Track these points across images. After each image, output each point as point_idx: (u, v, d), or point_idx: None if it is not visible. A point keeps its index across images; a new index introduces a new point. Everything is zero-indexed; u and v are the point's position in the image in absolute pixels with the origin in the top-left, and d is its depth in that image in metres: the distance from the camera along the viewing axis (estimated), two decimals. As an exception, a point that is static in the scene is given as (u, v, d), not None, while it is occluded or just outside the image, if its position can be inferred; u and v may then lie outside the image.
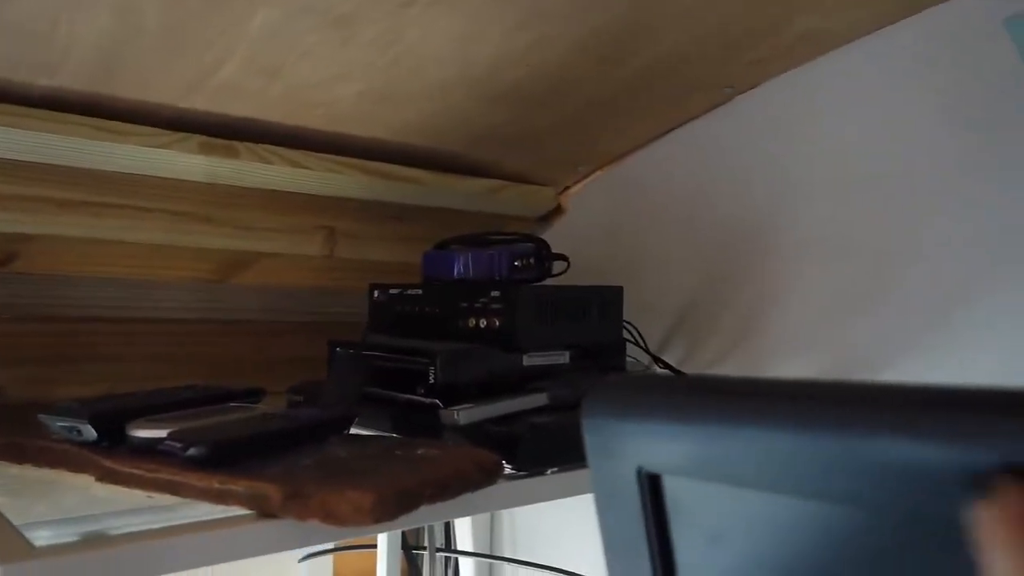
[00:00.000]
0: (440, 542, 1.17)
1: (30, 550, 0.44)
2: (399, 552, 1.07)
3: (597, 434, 0.39)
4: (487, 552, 1.19)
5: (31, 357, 0.83)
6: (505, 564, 1.17)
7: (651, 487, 0.37)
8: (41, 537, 0.46)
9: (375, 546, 1.08)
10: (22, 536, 0.46)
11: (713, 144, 1.00)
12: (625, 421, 0.38)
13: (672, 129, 1.04)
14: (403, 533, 1.09)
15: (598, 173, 1.13)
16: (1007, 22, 0.62)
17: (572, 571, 1.06)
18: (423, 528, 1.16)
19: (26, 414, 0.66)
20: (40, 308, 0.83)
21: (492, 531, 1.19)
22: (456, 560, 1.18)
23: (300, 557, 1.11)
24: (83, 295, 0.86)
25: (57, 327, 0.85)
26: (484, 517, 1.19)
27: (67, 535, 0.47)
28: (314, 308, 1.05)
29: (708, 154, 1.01)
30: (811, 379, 0.33)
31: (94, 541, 0.46)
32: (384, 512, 0.50)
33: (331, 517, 0.50)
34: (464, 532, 1.19)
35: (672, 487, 0.37)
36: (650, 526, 0.38)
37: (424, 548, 1.14)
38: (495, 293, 0.80)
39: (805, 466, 0.30)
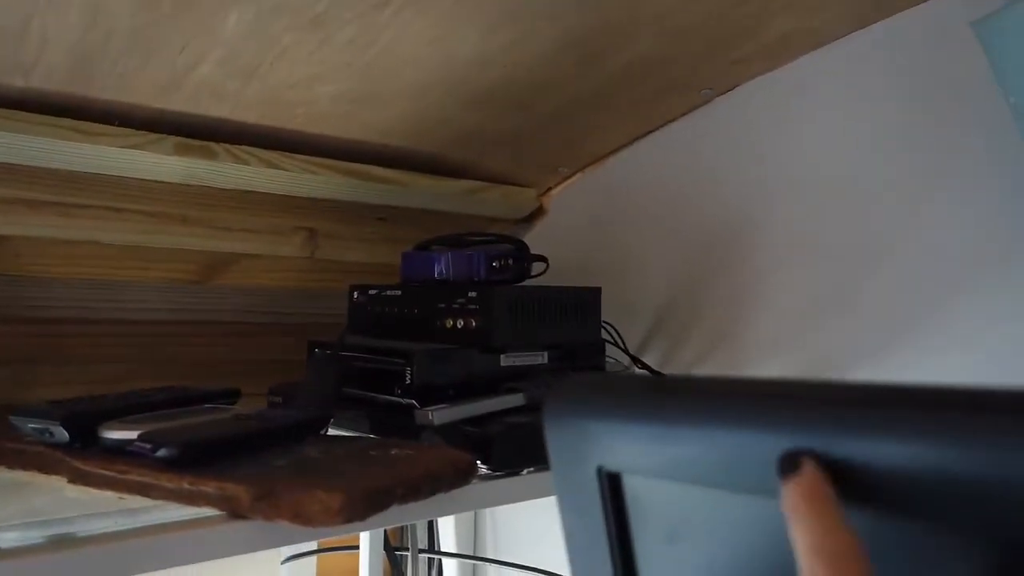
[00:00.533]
0: (423, 543, 1.17)
1: (-6, 551, 0.44)
2: (381, 553, 1.07)
3: (558, 433, 0.39)
4: (470, 553, 1.19)
5: (8, 359, 0.83)
6: (488, 565, 1.17)
7: (611, 486, 0.37)
8: (7, 539, 0.46)
9: (358, 547, 1.08)
10: (-13, 536, 0.46)
11: (693, 146, 1.00)
12: (585, 420, 0.38)
13: (652, 131, 1.04)
14: (386, 534, 1.09)
15: (579, 175, 1.14)
16: (974, 25, 0.63)
17: (554, 572, 1.06)
18: (406, 529, 1.16)
19: (2, 417, 0.66)
20: (17, 309, 0.83)
21: (475, 532, 1.19)
22: (439, 561, 1.18)
23: (283, 559, 1.11)
24: (60, 296, 0.85)
25: (34, 328, 0.85)
26: (467, 518, 1.19)
27: (34, 537, 0.47)
28: (296, 309, 1.05)
29: (688, 156, 1.01)
30: (774, 377, 0.33)
31: (60, 543, 0.46)
32: (354, 512, 0.50)
33: (300, 517, 0.50)
34: (447, 533, 1.19)
35: (632, 486, 0.37)
36: (610, 525, 0.38)
37: (407, 549, 1.14)
38: (472, 294, 0.80)
39: (765, 464, 0.30)
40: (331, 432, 0.74)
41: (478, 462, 0.65)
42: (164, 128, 0.82)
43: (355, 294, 0.92)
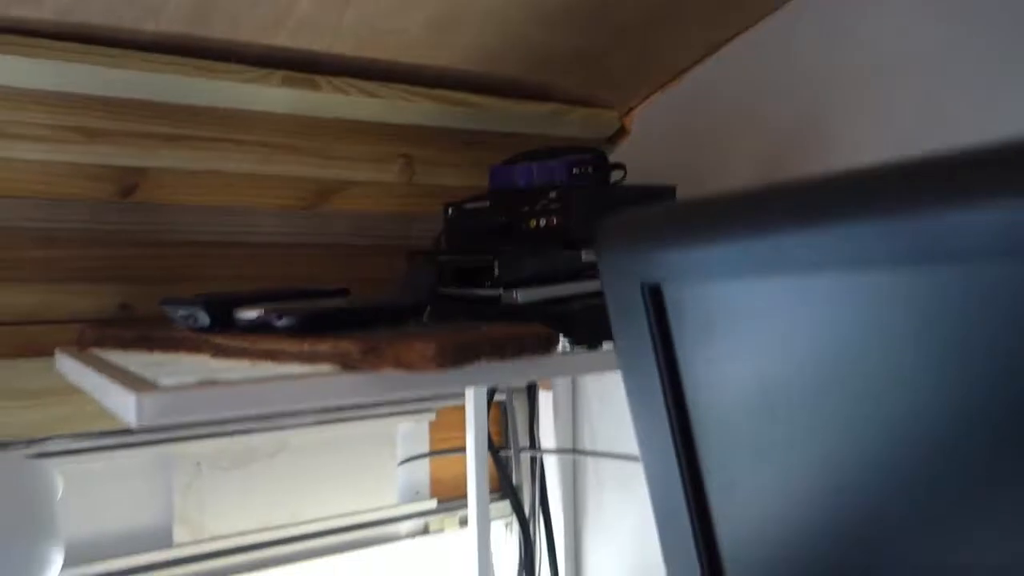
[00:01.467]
0: (525, 443, 1.26)
1: (157, 386, 0.54)
2: (487, 454, 1.17)
3: (607, 260, 0.46)
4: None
5: (151, 277, 0.95)
6: (587, 459, 1.25)
7: (653, 297, 0.44)
8: (167, 381, 0.56)
9: (464, 450, 1.18)
10: (151, 381, 0.56)
11: (772, 51, 1.03)
12: (627, 243, 0.44)
13: (728, 40, 1.07)
14: (490, 437, 1.18)
15: (659, 93, 1.18)
16: None
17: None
18: (508, 431, 1.25)
19: (150, 322, 0.77)
20: (157, 234, 0.95)
21: (574, 432, 1.27)
22: (541, 459, 1.27)
23: (399, 461, 1.21)
24: (191, 221, 0.97)
25: (172, 251, 0.96)
26: (565, 419, 1.26)
27: (187, 379, 0.57)
28: (396, 232, 1.14)
29: (768, 61, 1.03)
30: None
31: (207, 383, 0.56)
32: (446, 359, 0.59)
33: (401, 365, 0.59)
34: (547, 434, 1.27)
35: (671, 293, 0.43)
36: (654, 332, 0.44)
37: (510, 449, 1.23)
38: (553, 195, 0.87)
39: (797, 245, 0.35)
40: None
41: (560, 335, 0.72)
42: (273, 63, 0.91)
43: (449, 210, 1.00)
